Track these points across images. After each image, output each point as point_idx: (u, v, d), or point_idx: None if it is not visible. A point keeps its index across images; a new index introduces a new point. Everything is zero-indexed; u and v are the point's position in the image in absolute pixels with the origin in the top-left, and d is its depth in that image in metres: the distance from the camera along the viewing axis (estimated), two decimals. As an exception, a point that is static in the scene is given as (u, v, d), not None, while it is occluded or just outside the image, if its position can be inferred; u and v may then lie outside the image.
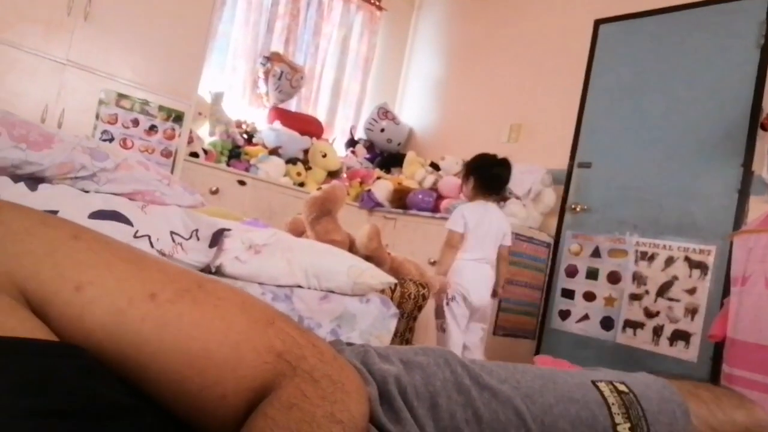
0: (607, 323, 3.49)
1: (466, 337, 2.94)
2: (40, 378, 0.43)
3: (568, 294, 3.70)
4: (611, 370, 0.80)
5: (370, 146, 5.14)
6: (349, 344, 0.74)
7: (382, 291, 2.07)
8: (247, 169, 3.99)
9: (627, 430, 0.67)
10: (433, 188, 4.42)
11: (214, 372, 0.51)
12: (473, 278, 2.93)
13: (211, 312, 0.54)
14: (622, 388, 0.72)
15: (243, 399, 0.52)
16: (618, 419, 0.68)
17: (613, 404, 0.69)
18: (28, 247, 0.51)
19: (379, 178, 4.64)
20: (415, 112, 5.38)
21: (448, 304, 2.89)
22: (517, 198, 3.89)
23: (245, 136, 4.33)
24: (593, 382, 0.73)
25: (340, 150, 4.99)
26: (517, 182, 3.93)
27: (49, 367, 0.44)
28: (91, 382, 0.47)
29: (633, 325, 3.38)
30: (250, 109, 4.59)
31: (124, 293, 0.51)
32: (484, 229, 2.91)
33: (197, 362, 0.51)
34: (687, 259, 3.23)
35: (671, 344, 3.21)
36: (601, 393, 0.71)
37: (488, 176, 2.98)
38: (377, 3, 5.36)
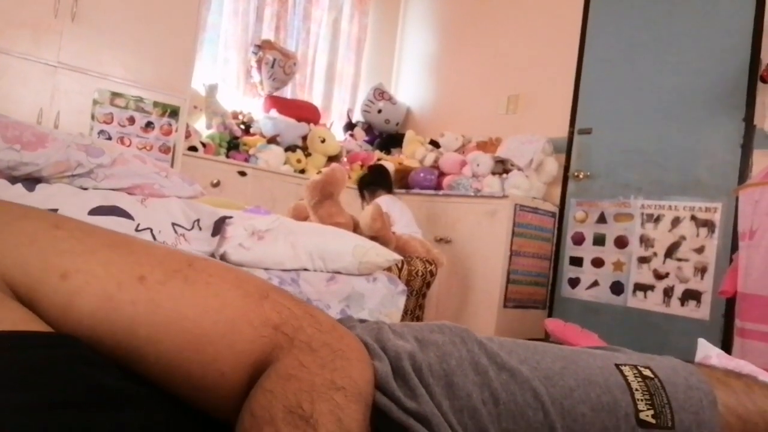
0: (617, 288, 3.48)
1: None
2: (35, 370, 0.42)
3: (577, 261, 3.69)
4: (636, 352, 0.76)
5: (368, 128, 5.12)
6: (362, 321, 0.73)
7: (389, 269, 2.07)
8: (246, 160, 3.98)
9: (650, 418, 0.64)
10: (435, 166, 4.41)
11: (212, 350, 0.51)
12: None
13: (203, 290, 0.53)
14: (646, 372, 0.69)
15: (243, 375, 0.52)
16: (641, 406, 0.65)
17: (636, 390, 0.66)
18: (10, 239, 0.50)
19: (379, 159, 4.62)
20: (411, 90, 5.34)
21: None
22: (519, 169, 3.87)
23: (242, 126, 4.31)
24: (617, 366, 0.70)
25: (339, 134, 4.97)
26: (518, 153, 3.92)
27: (43, 359, 0.44)
28: (88, 371, 0.46)
29: (643, 288, 3.37)
30: (245, 99, 4.57)
31: (113, 278, 0.51)
32: (396, 215, 3.29)
33: (193, 341, 0.51)
34: (693, 218, 3.22)
35: (682, 304, 3.20)
36: (625, 378, 0.68)
37: (369, 186, 3.65)
38: (365, -17, 5.31)
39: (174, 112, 3.38)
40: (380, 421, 0.55)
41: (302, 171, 4.23)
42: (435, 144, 4.63)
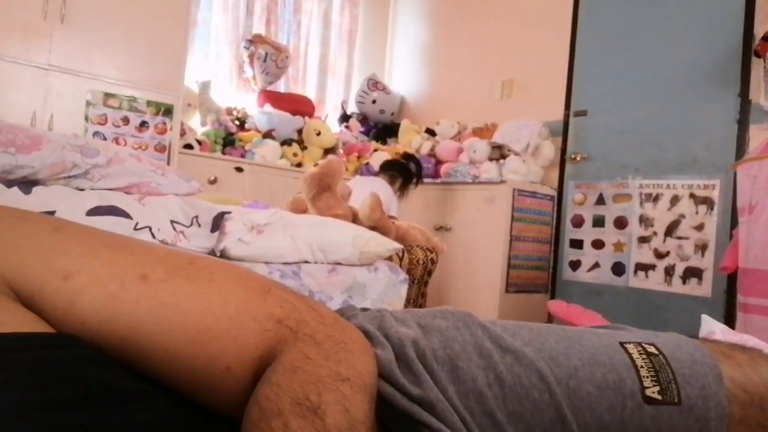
0: (618, 269, 3.49)
1: None
2: (41, 370, 0.43)
3: (577, 244, 3.69)
4: (640, 330, 0.76)
5: (363, 119, 5.10)
6: (364, 309, 0.73)
7: (390, 259, 2.07)
8: (242, 156, 3.97)
9: (656, 394, 0.65)
10: (431, 154, 4.40)
11: (216, 345, 0.51)
12: None
13: (206, 286, 0.53)
14: (651, 350, 0.69)
15: (248, 369, 0.52)
16: (647, 383, 0.65)
17: (641, 367, 0.66)
18: (12, 242, 0.50)
19: (376, 150, 4.61)
20: (404, 79, 5.32)
21: None
22: (516, 154, 3.87)
23: (237, 122, 4.29)
24: (621, 344, 0.70)
25: (334, 126, 4.96)
26: (514, 138, 3.91)
27: (48, 359, 0.44)
28: (93, 370, 0.46)
29: (644, 267, 3.37)
30: (238, 94, 4.55)
31: (115, 277, 0.51)
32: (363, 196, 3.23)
33: (198, 337, 0.51)
34: (692, 195, 3.21)
35: (684, 282, 3.20)
36: (630, 355, 0.68)
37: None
38: (355, -27, 5.27)
39: (168, 111, 3.37)
40: (384, 410, 0.56)
41: (299, 164, 4.22)
42: (431, 132, 4.62)
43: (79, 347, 0.47)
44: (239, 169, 3.84)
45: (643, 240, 3.39)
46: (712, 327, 0.84)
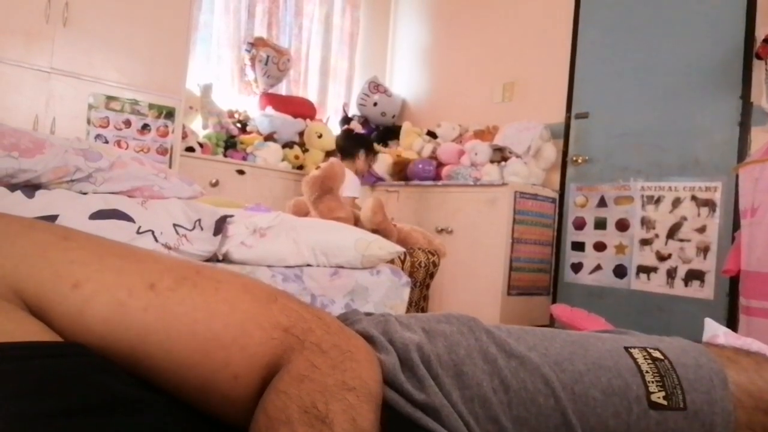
0: (620, 271, 3.48)
1: None
2: (49, 378, 0.43)
3: (579, 246, 3.69)
4: (644, 334, 0.76)
5: (364, 122, 5.11)
6: (368, 314, 0.73)
7: (392, 262, 2.07)
8: (244, 158, 3.98)
9: (661, 399, 0.64)
10: (433, 156, 4.40)
11: (223, 353, 0.51)
12: None
13: (212, 295, 0.53)
14: (656, 354, 0.69)
15: (255, 378, 0.52)
16: (652, 387, 0.65)
17: (647, 372, 0.66)
18: (20, 250, 0.50)
19: (377, 152, 4.61)
20: (406, 82, 5.33)
21: None
22: (518, 156, 3.87)
23: (239, 125, 4.30)
24: (626, 349, 0.70)
25: (335, 129, 4.96)
26: (515, 140, 3.91)
27: (56, 367, 0.44)
28: (100, 378, 0.46)
29: (646, 270, 3.37)
30: (240, 97, 4.56)
31: (123, 286, 0.51)
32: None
33: (205, 346, 0.51)
34: (694, 198, 3.21)
35: (686, 285, 3.20)
36: (635, 360, 0.68)
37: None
38: (356, -24, 5.28)
39: (170, 114, 3.38)
40: (388, 415, 0.56)
41: (300, 167, 4.23)
42: (432, 135, 4.62)
43: (86, 355, 0.47)
44: (241, 172, 3.85)
45: (644, 242, 3.39)
46: (715, 330, 0.84)
